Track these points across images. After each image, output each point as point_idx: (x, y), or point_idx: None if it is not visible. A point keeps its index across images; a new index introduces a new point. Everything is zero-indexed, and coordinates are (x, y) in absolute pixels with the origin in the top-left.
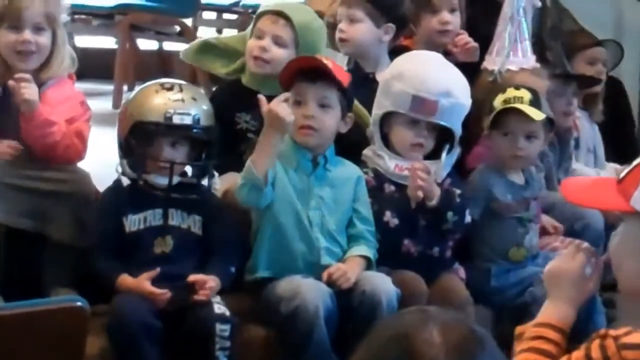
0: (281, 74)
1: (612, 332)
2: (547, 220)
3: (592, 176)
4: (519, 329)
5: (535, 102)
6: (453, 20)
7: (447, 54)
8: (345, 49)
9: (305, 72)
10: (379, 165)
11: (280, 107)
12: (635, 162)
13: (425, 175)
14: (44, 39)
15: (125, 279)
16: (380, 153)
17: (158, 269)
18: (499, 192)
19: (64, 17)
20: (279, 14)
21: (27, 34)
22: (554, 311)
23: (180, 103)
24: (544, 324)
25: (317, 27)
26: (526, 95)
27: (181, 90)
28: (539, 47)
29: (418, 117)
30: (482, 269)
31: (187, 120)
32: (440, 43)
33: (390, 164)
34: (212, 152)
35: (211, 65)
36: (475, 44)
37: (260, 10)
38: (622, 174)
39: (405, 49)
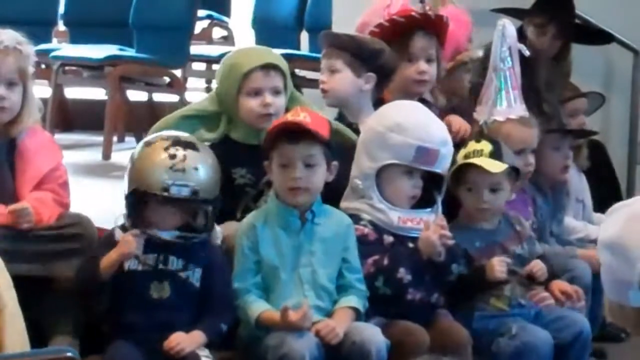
0: (265, 141)
1: None
2: (563, 285)
3: None
4: None
5: (496, 153)
6: (429, 70)
7: (423, 101)
8: (327, 100)
9: (287, 133)
10: (379, 219)
11: (301, 320)
12: None
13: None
14: (16, 94)
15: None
16: (379, 206)
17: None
18: (467, 244)
19: (31, 69)
20: (268, 66)
21: (1, 90)
22: None
23: (180, 174)
24: None
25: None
26: (486, 147)
27: (184, 158)
28: (537, 100)
29: (420, 167)
30: (467, 312)
31: (185, 193)
32: (416, 92)
33: (393, 216)
34: (211, 216)
35: (194, 135)
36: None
37: (242, 69)
38: None
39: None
